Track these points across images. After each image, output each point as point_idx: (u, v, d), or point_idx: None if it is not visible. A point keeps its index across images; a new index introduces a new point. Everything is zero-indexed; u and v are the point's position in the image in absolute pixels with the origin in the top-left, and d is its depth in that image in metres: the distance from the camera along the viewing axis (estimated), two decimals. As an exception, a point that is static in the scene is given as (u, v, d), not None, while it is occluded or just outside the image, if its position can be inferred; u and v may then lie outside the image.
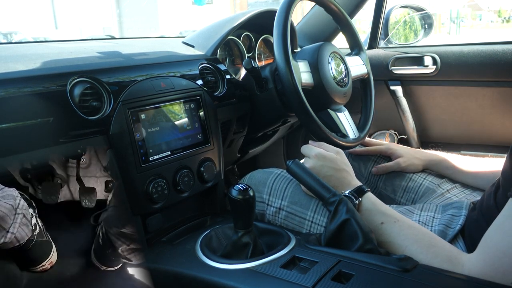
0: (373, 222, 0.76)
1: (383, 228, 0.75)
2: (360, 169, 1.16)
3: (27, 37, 11.59)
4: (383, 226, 0.75)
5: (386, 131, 1.64)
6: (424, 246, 0.69)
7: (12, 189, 0.97)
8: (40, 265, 1.08)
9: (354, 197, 0.79)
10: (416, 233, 0.72)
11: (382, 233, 0.74)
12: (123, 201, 0.87)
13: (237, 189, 0.70)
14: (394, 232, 0.73)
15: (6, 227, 0.92)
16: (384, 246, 0.74)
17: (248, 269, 0.69)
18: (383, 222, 0.75)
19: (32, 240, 1.02)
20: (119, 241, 0.93)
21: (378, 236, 0.74)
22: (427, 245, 0.69)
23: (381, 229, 0.75)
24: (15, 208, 0.94)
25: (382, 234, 0.74)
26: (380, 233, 0.75)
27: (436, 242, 0.70)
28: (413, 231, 0.72)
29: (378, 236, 0.74)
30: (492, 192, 0.73)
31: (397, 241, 0.72)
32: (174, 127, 0.90)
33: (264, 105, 1.10)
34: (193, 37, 1.21)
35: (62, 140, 0.73)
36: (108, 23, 16.43)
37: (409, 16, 1.69)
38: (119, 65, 0.89)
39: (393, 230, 0.74)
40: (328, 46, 1.06)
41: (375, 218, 0.76)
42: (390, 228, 0.74)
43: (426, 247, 0.69)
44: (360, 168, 1.16)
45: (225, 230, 0.86)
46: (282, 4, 0.97)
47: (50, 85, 0.74)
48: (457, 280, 0.61)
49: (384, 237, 0.74)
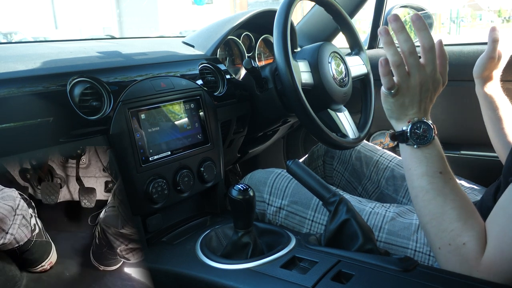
0: (432, 167, 0.68)
1: (436, 178, 0.67)
2: (362, 169, 1.16)
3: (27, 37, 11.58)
4: (439, 175, 0.67)
5: (386, 131, 1.64)
6: (464, 215, 0.64)
7: (11, 190, 0.97)
8: (40, 265, 1.08)
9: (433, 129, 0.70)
10: (464, 198, 0.67)
11: (433, 182, 0.67)
12: (122, 201, 0.87)
13: (237, 189, 0.70)
14: (446, 188, 0.67)
15: (5, 228, 0.92)
16: (421, 198, 0.68)
17: (248, 269, 0.69)
18: (442, 172, 0.68)
19: (31, 241, 1.02)
20: (117, 241, 0.93)
21: (423, 183, 0.67)
22: (468, 215, 0.64)
23: (434, 177, 0.67)
24: (14, 209, 0.94)
25: (432, 183, 0.67)
26: (430, 181, 0.67)
27: (477, 216, 0.65)
28: (463, 195, 0.67)
29: (423, 183, 0.67)
30: (492, 193, 0.73)
31: (441, 199, 0.66)
32: (174, 127, 0.90)
33: (264, 105, 1.10)
34: (193, 37, 1.21)
35: (62, 140, 0.73)
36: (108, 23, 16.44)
37: (409, 16, 1.69)
38: (119, 65, 0.89)
39: (446, 186, 0.67)
40: (328, 46, 1.06)
41: (437, 164, 0.68)
42: (443, 181, 0.67)
43: (465, 218, 0.64)
44: (362, 168, 1.16)
45: (225, 230, 0.86)
46: (282, 4, 0.97)
47: (50, 85, 0.74)
48: (457, 280, 0.61)
49: (432, 188, 0.67)
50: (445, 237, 0.65)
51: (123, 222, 0.89)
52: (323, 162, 1.27)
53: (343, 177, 1.21)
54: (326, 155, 1.26)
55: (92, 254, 1.13)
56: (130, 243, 0.92)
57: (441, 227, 0.65)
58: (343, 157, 1.22)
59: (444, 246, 0.65)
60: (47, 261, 1.10)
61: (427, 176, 0.68)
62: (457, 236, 0.63)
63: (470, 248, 0.62)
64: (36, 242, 1.04)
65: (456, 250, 0.63)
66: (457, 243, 0.63)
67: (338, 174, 1.23)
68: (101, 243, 1.04)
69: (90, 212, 1.23)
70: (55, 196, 1.28)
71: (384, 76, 0.69)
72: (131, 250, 0.93)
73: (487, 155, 1.34)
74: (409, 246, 0.82)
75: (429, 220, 0.67)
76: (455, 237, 0.64)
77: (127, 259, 0.95)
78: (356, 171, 1.18)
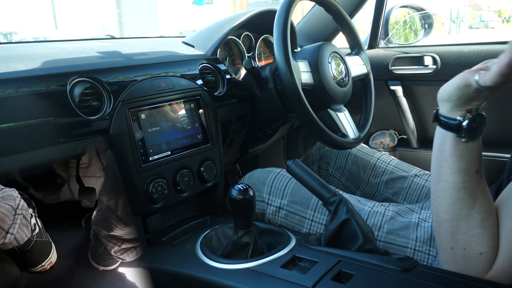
0: (471, 164, 0.61)
1: (472, 177, 0.61)
2: (359, 173, 1.15)
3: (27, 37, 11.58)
4: (476, 175, 0.61)
5: (386, 131, 1.64)
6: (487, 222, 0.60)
7: (12, 190, 0.97)
8: (40, 265, 1.08)
9: None
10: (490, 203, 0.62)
11: (467, 181, 0.61)
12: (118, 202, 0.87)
13: (237, 189, 0.70)
14: (478, 189, 0.61)
15: (5, 228, 0.92)
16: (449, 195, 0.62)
17: (248, 269, 0.69)
18: (478, 171, 0.62)
19: (31, 241, 1.02)
20: (110, 243, 0.93)
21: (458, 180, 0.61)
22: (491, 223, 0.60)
23: (471, 176, 0.61)
24: (14, 208, 0.94)
25: (467, 181, 0.61)
26: (465, 179, 0.61)
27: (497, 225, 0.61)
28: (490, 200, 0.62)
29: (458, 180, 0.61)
30: (493, 193, 0.73)
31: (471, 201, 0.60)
32: (174, 127, 0.90)
33: (264, 105, 1.10)
34: (193, 37, 1.21)
35: (62, 140, 0.73)
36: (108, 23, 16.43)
37: (409, 16, 1.69)
38: (119, 65, 0.89)
39: (479, 187, 0.61)
40: (328, 46, 1.06)
41: (476, 162, 0.62)
42: (477, 181, 0.61)
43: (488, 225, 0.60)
44: (359, 172, 1.15)
45: (225, 230, 0.86)
46: (282, 4, 0.97)
47: (50, 85, 0.74)
48: (457, 280, 0.61)
49: (464, 187, 0.61)
50: (461, 240, 0.61)
51: (113, 224, 0.89)
52: (319, 168, 1.25)
53: (340, 182, 1.20)
54: (322, 161, 1.24)
55: (90, 254, 1.13)
56: (123, 244, 0.92)
57: (461, 229, 0.62)
58: (338, 162, 1.20)
59: (458, 248, 0.62)
60: (47, 261, 1.10)
61: (464, 174, 0.61)
62: (475, 243, 0.60)
63: (484, 259, 0.60)
64: (36, 242, 1.04)
65: (469, 256, 0.61)
66: (473, 250, 0.60)
67: (334, 179, 1.21)
68: (97, 244, 1.05)
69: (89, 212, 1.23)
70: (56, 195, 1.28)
71: (503, 75, 0.56)
72: (125, 250, 0.94)
73: (487, 155, 1.34)
74: (409, 245, 0.82)
75: (450, 218, 0.63)
76: (473, 244, 0.60)
77: (123, 259, 0.95)
78: (353, 176, 1.17)
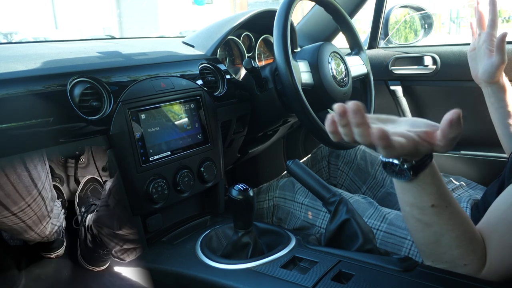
0: (421, 200, 0.59)
1: (427, 211, 0.59)
2: (367, 168, 1.17)
3: (27, 37, 11.58)
4: (430, 209, 0.59)
5: (386, 131, 1.63)
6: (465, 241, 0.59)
7: None
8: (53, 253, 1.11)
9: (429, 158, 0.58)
10: (464, 223, 0.60)
11: (424, 214, 0.59)
12: (119, 201, 0.87)
13: (237, 189, 0.70)
14: (441, 220, 0.59)
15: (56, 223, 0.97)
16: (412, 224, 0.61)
17: (248, 269, 0.69)
18: (434, 205, 0.58)
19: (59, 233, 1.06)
20: (112, 242, 0.93)
21: (414, 212, 0.60)
22: (469, 241, 0.59)
23: (425, 210, 0.59)
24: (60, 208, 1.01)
25: (424, 214, 0.59)
26: (420, 212, 0.59)
27: (477, 238, 0.60)
28: (462, 221, 0.60)
29: (414, 212, 0.60)
30: (495, 192, 0.73)
31: (436, 229, 0.59)
32: (174, 127, 0.90)
33: (264, 105, 1.10)
34: (193, 37, 1.21)
35: (62, 140, 0.73)
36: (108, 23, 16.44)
37: (409, 16, 1.69)
38: (119, 65, 0.89)
39: (442, 217, 0.59)
40: (328, 46, 1.06)
41: (431, 197, 0.58)
42: (437, 214, 0.59)
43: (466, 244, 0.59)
44: (366, 167, 1.17)
45: (225, 230, 0.86)
46: (282, 4, 0.97)
47: (50, 85, 0.74)
48: (457, 280, 0.61)
49: (423, 219, 0.60)
50: (442, 258, 0.61)
51: (120, 223, 0.89)
52: (328, 163, 1.29)
53: (348, 177, 1.23)
54: (331, 156, 1.28)
55: (80, 255, 1.13)
56: (125, 244, 0.92)
57: (437, 251, 0.61)
58: (348, 157, 1.24)
59: (442, 262, 0.61)
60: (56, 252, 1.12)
61: (417, 208, 0.59)
62: (457, 259, 0.60)
63: (470, 268, 0.60)
64: None
65: (455, 267, 0.61)
66: (457, 263, 0.60)
67: (342, 173, 1.25)
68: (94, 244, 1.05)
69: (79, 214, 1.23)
70: (56, 195, 1.29)
71: None
72: (125, 250, 0.93)
73: (487, 155, 1.34)
74: (408, 237, 0.83)
75: (422, 242, 0.62)
76: (455, 260, 0.60)
77: (122, 260, 0.95)
78: (361, 170, 1.20)
